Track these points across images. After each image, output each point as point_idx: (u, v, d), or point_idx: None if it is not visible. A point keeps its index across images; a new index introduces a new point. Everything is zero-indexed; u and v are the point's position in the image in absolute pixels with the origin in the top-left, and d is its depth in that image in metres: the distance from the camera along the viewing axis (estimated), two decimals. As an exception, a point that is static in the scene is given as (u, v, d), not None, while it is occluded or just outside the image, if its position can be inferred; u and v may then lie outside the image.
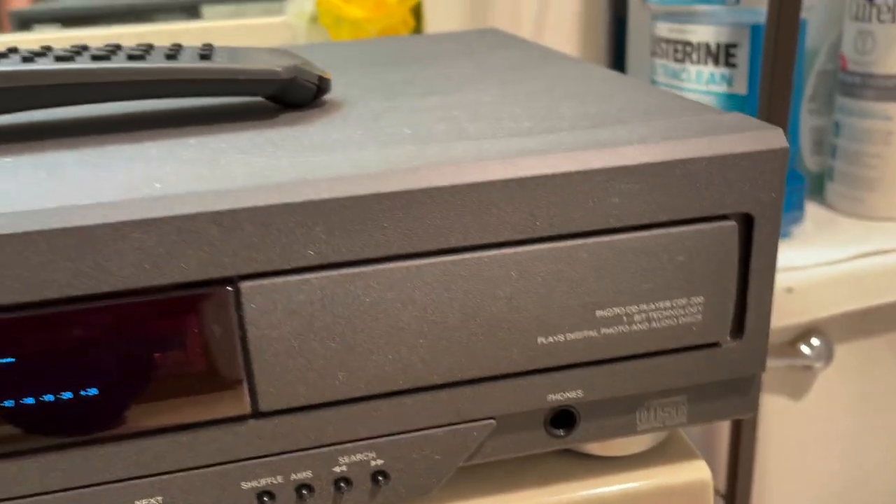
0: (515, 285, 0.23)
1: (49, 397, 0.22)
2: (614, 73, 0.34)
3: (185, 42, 0.32)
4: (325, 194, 0.22)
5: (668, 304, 0.25)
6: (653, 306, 0.25)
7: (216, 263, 0.21)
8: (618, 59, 0.74)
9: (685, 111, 0.26)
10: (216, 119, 0.29)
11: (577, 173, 0.23)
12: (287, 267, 0.22)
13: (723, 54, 0.59)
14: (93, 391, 0.22)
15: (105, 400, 0.22)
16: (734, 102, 0.59)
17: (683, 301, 0.25)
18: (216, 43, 0.33)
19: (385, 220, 0.22)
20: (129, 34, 0.67)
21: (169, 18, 0.74)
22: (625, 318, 0.24)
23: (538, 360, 0.24)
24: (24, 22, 0.73)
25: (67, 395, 0.22)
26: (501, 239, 0.23)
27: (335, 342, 0.23)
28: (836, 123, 0.61)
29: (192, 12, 0.75)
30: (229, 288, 0.22)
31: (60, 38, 0.65)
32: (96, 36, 0.66)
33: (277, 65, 0.29)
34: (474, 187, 0.22)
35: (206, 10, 0.75)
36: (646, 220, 0.24)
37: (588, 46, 0.73)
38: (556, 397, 0.25)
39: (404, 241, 0.22)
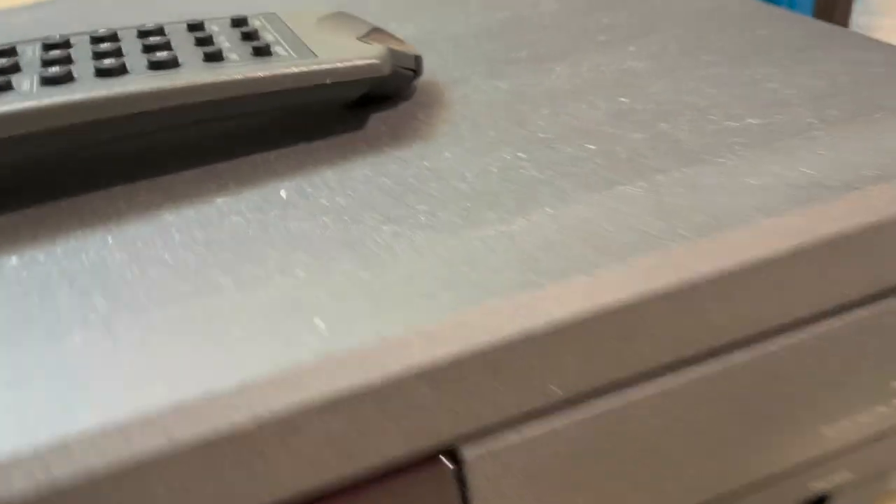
0: (808, 375, 0.17)
1: None
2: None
3: None
4: (576, 309, 0.14)
5: (971, 358, 0.19)
6: (955, 365, 0.19)
7: (429, 431, 0.14)
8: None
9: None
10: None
11: (882, 224, 0.16)
12: (520, 413, 0.15)
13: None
14: None
15: None
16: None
17: None
18: None
19: (655, 326, 0.15)
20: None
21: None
22: (922, 384, 0.19)
23: (813, 451, 0.19)
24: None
25: None
26: (791, 319, 0.16)
27: (583, 497, 0.16)
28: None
29: None
30: (447, 462, 0.15)
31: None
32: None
33: (375, 56, 0.20)
34: (774, 263, 0.15)
35: None
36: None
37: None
38: (820, 485, 0.20)
39: (674, 349, 0.16)
